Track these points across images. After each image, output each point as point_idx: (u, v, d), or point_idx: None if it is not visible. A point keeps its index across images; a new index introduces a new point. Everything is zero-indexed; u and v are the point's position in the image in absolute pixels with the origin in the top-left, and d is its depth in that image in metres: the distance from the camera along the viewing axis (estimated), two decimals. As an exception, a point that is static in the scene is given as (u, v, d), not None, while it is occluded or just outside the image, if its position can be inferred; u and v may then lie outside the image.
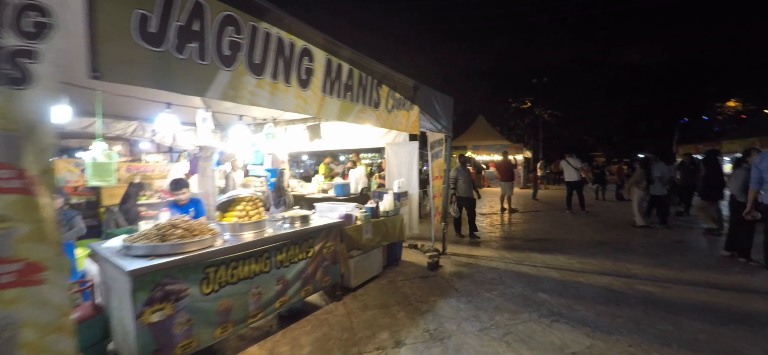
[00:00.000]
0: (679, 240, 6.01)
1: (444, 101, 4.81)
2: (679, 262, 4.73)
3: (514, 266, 4.71)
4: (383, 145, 5.98)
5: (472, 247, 5.79)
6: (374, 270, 4.18)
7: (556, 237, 6.45)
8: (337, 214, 3.71)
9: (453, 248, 5.65)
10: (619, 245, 5.71)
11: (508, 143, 20.92)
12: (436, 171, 4.86)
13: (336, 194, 5.61)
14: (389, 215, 4.39)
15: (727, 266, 4.55)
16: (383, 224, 4.28)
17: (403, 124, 3.87)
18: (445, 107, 4.84)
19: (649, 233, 6.66)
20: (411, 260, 5.00)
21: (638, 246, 5.64)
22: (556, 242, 6.00)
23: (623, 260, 4.90)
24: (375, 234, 4.08)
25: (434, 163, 4.80)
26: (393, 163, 5.79)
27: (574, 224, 7.70)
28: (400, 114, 3.80)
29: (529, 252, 5.38)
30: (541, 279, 4.16)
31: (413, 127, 4.07)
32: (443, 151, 5.05)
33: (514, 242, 6.07)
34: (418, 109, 4.12)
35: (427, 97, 4.32)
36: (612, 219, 8.19)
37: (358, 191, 5.99)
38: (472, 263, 4.87)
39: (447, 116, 4.93)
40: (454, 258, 5.08)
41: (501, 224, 7.96)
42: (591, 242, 5.95)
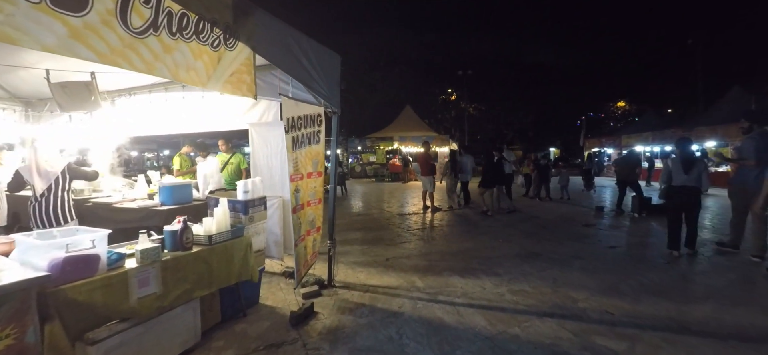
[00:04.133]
0: (613, 246, 5.22)
1: (321, 57, 3.03)
2: (628, 283, 3.72)
3: (426, 304, 3.19)
4: (247, 125, 3.99)
5: (375, 269, 4.19)
6: (175, 347, 2.25)
7: (482, 247, 5.21)
8: (45, 257, 1.69)
9: (348, 273, 3.99)
10: (552, 257, 4.65)
11: (434, 135, 20.25)
12: (306, 164, 3.04)
13: (161, 202, 3.48)
14: (217, 241, 2.50)
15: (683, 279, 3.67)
16: (200, 261, 2.37)
17: (202, 73, 1.94)
18: (324, 67, 3.07)
19: (578, 237, 5.86)
20: (273, 304, 3.17)
21: (573, 258, 4.63)
22: (483, 256, 4.73)
23: (563, 282, 3.75)
24: (175, 282, 2.17)
25: (302, 152, 2.96)
26: (260, 153, 3.84)
27: (501, 226, 6.67)
28: (203, 53, 1.90)
29: (449, 275, 3.96)
30: (462, 334, 2.69)
31: (235, 84, 2.19)
32: (322, 134, 3.30)
33: (430, 259, 4.64)
34: (251, 54, 2.26)
35: (280, 39, 2.47)
36: (538, 217, 7.43)
37: (205, 195, 3.90)
38: (365, 302, 3.23)
39: (329, 82, 3.17)
40: (342, 294, 3.39)
41: (420, 228, 6.58)
42: (522, 254, 4.81)
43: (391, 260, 4.55)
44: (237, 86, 2.16)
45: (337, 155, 3.43)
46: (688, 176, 4.42)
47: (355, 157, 22.59)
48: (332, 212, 3.51)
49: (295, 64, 2.67)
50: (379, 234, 6.11)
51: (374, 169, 20.27)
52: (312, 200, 3.21)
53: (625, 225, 6.67)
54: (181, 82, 1.92)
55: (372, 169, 20.42)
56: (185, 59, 1.79)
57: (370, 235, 6.04)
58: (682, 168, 4.45)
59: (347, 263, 4.43)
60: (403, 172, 18.29)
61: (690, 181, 4.42)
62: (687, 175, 4.42)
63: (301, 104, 2.95)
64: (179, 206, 3.40)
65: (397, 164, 18.80)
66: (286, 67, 2.57)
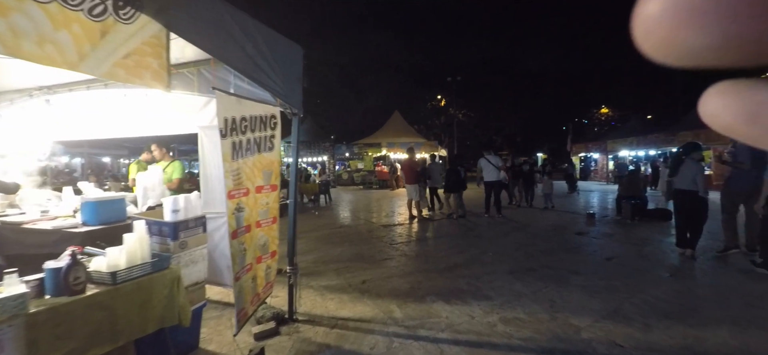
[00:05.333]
0: (611, 257, 4.80)
1: (275, 47, 2.51)
2: (634, 303, 3.27)
3: (403, 343, 2.66)
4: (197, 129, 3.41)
5: (348, 295, 3.64)
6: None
7: (471, 262, 4.72)
8: None
9: (316, 302, 3.43)
10: (547, 273, 4.18)
11: (423, 141, 19.89)
12: (254, 176, 2.47)
13: (83, 222, 2.87)
14: (125, 279, 1.92)
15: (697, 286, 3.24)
16: (97, 308, 1.78)
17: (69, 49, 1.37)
18: (280, 59, 2.55)
19: (572, 247, 5.44)
20: (217, 350, 2.59)
21: (569, 272, 4.18)
22: (471, 274, 4.23)
23: (561, 305, 3.27)
24: (52, 343, 1.58)
25: (249, 161, 2.40)
26: (211, 162, 3.25)
27: (492, 237, 6.21)
28: (71, 21, 1.35)
29: (433, 301, 3.43)
30: (445, 383, 2.17)
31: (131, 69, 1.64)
32: (277, 140, 2.76)
33: (413, 280, 4.11)
34: (163, 32, 1.72)
35: (212, 17, 1.94)
36: (529, 226, 7.00)
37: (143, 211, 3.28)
38: (331, 342, 2.68)
39: (287, 77, 2.66)
40: (304, 332, 2.83)
41: (404, 242, 6.06)
42: (514, 270, 4.33)
43: (368, 283, 4.01)
44: (134, 72, 1.63)
45: (297, 164, 2.88)
46: (684, 179, 4.53)
47: (343, 164, 21.99)
48: (292, 232, 2.97)
49: (235, 52, 2.14)
50: (359, 249, 5.56)
51: (362, 176, 19.70)
52: (264, 220, 2.65)
53: (619, 233, 6.30)
54: (24, 59, 1.35)
55: (360, 176, 19.84)
56: (36, 26, 1.25)
57: (350, 250, 5.49)
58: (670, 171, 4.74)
59: (317, 287, 3.87)
60: (391, 179, 17.79)
61: (685, 184, 4.51)
62: (676, 177, 4.60)
63: (246, 102, 2.41)
64: (106, 227, 2.80)
65: (385, 171, 18.29)
66: (220, 53, 2.04)
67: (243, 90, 2.70)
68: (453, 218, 8.10)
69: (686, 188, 4.53)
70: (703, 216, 4.56)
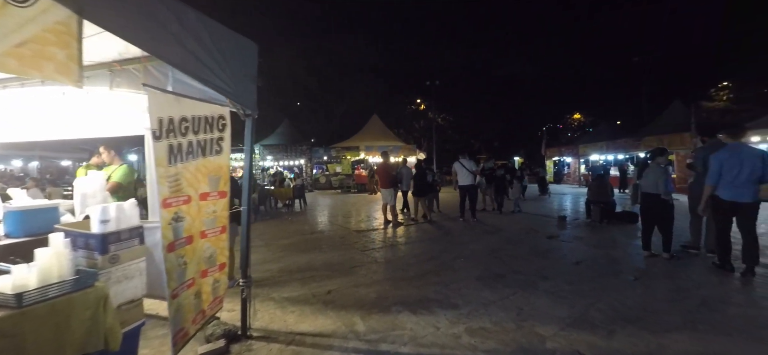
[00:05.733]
0: (579, 261, 4.83)
1: (222, 41, 2.31)
2: (599, 308, 3.25)
3: (364, 358, 2.51)
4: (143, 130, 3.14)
5: (311, 307, 3.45)
6: None
7: (441, 269, 4.63)
8: None
9: (275, 315, 3.22)
10: (516, 278, 4.14)
11: (402, 144, 19.89)
12: (198, 182, 2.25)
13: (6, 233, 2.56)
14: (36, 300, 1.67)
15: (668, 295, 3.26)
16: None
17: None
18: (229, 55, 2.35)
19: (542, 251, 5.46)
20: (156, 373, 2.36)
21: (538, 277, 4.16)
22: (441, 281, 4.13)
23: (529, 312, 3.21)
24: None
25: (191, 166, 2.18)
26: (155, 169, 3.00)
27: (464, 242, 6.16)
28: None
29: (399, 311, 3.30)
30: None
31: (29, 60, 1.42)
32: (226, 143, 2.55)
33: (381, 288, 3.96)
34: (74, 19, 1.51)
35: (141, 5, 1.73)
36: (503, 230, 7.02)
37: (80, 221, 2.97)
38: (285, 361, 2.49)
39: (237, 74, 2.46)
40: (257, 350, 2.62)
41: (377, 248, 5.91)
42: (484, 276, 4.27)
43: (333, 293, 3.83)
44: (32, 64, 1.42)
45: (251, 168, 2.67)
46: (649, 182, 4.70)
47: (320, 167, 21.65)
48: (245, 242, 2.76)
49: (170, 45, 1.93)
50: (329, 257, 5.37)
51: (340, 180, 19.44)
52: (210, 230, 2.43)
53: (588, 236, 6.41)
54: None
55: (338, 180, 19.58)
56: None
57: (319, 258, 5.29)
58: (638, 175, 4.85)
59: (279, 299, 3.66)
60: (370, 183, 17.63)
61: (650, 187, 4.68)
62: (642, 181, 4.76)
63: (186, 101, 2.20)
64: (32, 239, 2.50)
65: (363, 175, 18.12)
66: (150, 46, 1.83)
67: (187, 88, 2.48)
68: (418, 221, 8.26)
69: (651, 191, 4.68)
70: (668, 218, 4.68)
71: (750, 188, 3.90)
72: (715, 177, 4.04)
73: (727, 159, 3.99)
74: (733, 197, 3.95)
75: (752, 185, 3.90)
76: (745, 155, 3.95)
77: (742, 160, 3.92)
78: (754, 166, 3.87)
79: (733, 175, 3.93)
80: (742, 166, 3.91)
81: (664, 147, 5.25)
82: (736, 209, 3.98)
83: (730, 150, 4.06)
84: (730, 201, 3.97)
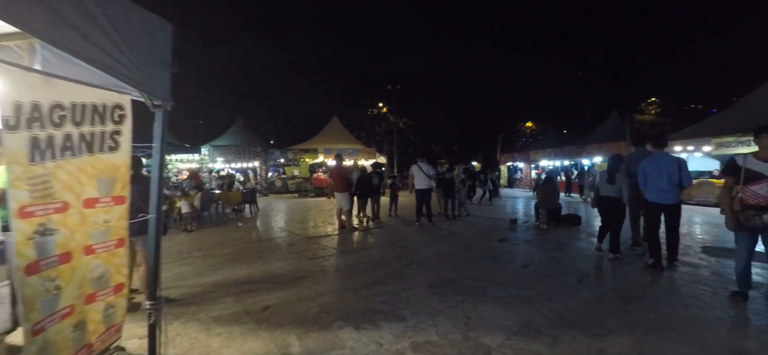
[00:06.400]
0: (527, 264, 4.89)
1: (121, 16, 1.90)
2: (544, 314, 3.22)
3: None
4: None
5: (241, 327, 3.06)
6: None
7: (391, 276, 4.42)
8: None
9: (197, 339, 2.80)
10: (466, 284, 4.05)
11: (361, 147, 19.64)
12: (80, 185, 1.79)
13: None
14: None
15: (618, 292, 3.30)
16: None
17: None
18: (131, 34, 1.94)
19: (493, 255, 5.48)
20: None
21: (488, 283, 4.10)
22: (389, 291, 3.91)
23: (476, 321, 3.09)
24: None
25: (70, 164, 1.73)
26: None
27: (418, 247, 6.03)
28: None
29: (341, 327, 3.02)
30: None
31: None
32: (125, 138, 2.13)
33: (324, 301, 3.66)
34: None
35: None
36: (457, 234, 7.01)
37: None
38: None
39: (143, 58, 2.05)
40: (164, 384, 2.22)
41: (327, 255, 5.57)
42: (434, 283, 4.13)
43: (271, 309, 3.46)
44: None
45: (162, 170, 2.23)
46: (611, 187, 5.02)
47: (277, 170, 20.71)
48: (154, 258, 2.32)
49: (39, 14, 1.51)
50: (272, 267, 4.95)
51: (297, 183, 18.70)
52: (100, 244, 1.99)
53: (536, 239, 6.59)
54: None
55: (294, 183, 18.82)
56: None
57: (261, 269, 4.86)
58: (606, 179, 5.07)
59: (206, 320, 3.22)
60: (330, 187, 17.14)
61: (612, 191, 5.01)
62: (611, 185, 5.01)
63: (61, 84, 1.77)
64: None
65: (322, 178, 17.59)
66: (7, 14, 1.40)
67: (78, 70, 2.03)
68: (364, 225, 8.32)
69: (614, 195, 5.01)
70: (622, 220, 5.04)
71: (672, 191, 4.33)
72: (642, 183, 4.52)
73: (650, 166, 4.47)
74: (657, 199, 4.43)
75: (673, 189, 4.34)
76: (665, 163, 4.41)
77: (662, 167, 4.38)
78: (672, 172, 4.33)
79: (656, 181, 4.40)
80: (662, 172, 4.37)
81: (621, 154, 5.57)
82: (661, 210, 4.44)
83: (653, 159, 4.53)
84: (655, 203, 4.45)
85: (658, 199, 4.39)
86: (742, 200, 3.14)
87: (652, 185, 4.44)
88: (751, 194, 3.11)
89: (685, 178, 4.30)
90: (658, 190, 4.38)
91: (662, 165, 4.38)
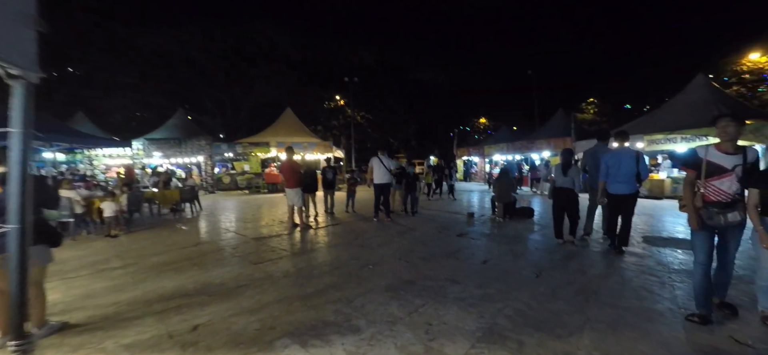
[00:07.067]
0: (486, 260, 4.78)
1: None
2: (506, 314, 3.05)
3: None
4: None
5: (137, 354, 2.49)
6: None
7: (345, 280, 4.03)
8: None
9: None
10: (426, 285, 3.79)
11: (317, 141, 18.88)
12: None
13: None
14: None
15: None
16: None
17: None
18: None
19: (452, 251, 5.32)
20: None
21: (449, 283, 3.89)
22: (343, 297, 3.53)
23: (438, 328, 2.82)
24: None
25: None
26: None
27: (375, 245, 5.69)
28: None
29: (286, 345, 2.58)
30: None
31: None
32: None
33: (267, 315, 3.17)
34: None
35: None
36: (414, 230, 6.80)
37: None
38: None
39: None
40: None
41: (274, 259, 5.02)
42: (393, 285, 3.82)
43: (201, 329, 2.91)
44: None
45: (26, 163, 1.61)
46: (565, 179, 5.36)
47: (225, 166, 19.21)
48: (17, 283, 1.71)
49: None
50: (209, 276, 4.31)
51: (247, 179, 17.47)
52: None
53: (494, 232, 6.59)
54: None
55: (245, 179, 17.56)
56: None
57: (195, 279, 4.20)
58: (561, 172, 5.38)
59: (114, 348, 2.61)
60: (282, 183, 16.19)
61: (567, 183, 5.35)
62: (565, 177, 5.34)
63: None
64: None
65: (275, 174, 16.57)
66: None
67: None
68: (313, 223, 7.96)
69: (567, 186, 5.36)
70: (577, 209, 5.42)
71: (629, 183, 4.65)
72: (604, 174, 4.79)
73: (612, 159, 4.76)
74: (616, 190, 4.75)
75: (631, 181, 4.66)
76: (623, 156, 4.73)
77: (622, 160, 4.69)
78: (630, 165, 4.66)
79: (615, 173, 4.70)
80: (621, 165, 4.68)
81: (570, 149, 5.80)
82: (619, 200, 4.74)
83: (615, 153, 4.84)
84: (614, 194, 4.77)
85: (618, 190, 4.70)
86: (704, 196, 2.79)
87: (612, 177, 4.72)
88: (712, 190, 2.76)
89: (643, 170, 4.66)
90: (617, 181, 4.69)
91: (622, 158, 4.68)
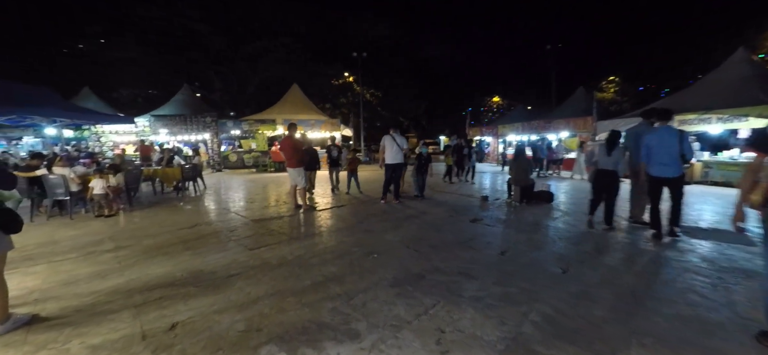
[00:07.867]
0: (504, 251, 4.30)
1: None
2: (532, 320, 2.60)
3: None
4: None
5: None
6: None
7: (347, 271, 3.62)
8: None
9: None
10: (437, 279, 3.35)
11: (325, 118, 18.36)
12: None
13: None
14: None
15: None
16: None
17: None
18: None
19: (466, 239, 4.85)
20: None
21: (462, 278, 3.44)
22: (343, 292, 3.12)
23: (451, 335, 2.40)
24: None
25: None
26: None
27: (381, 230, 5.26)
28: None
29: (270, 354, 2.21)
30: None
31: None
32: None
33: (256, 312, 2.79)
34: None
35: None
36: (425, 213, 6.34)
37: None
38: None
39: None
40: None
41: (272, 244, 4.64)
42: (399, 279, 3.39)
43: (179, 328, 2.55)
44: None
45: None
46: (608, 159, 4.97)
47: (231, 143, 18.94)
48: None
49: None
50: (200, 262, 3.97)
51: (254, 158, 17.20)
52: None
53: (510, 218, 6.09)
54: None
55: (251, 158, 17.29)
56: None
57: (183, 265, 3.86)
58: (606, 152, 4.98)
59: (80, 349, 2.27)
60: (286, 162, 15.84)
61: (609, 164, 4.97)
62: (608, 157, 4.96)
63: None
64: None
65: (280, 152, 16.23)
66: None
67: None
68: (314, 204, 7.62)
69: (610, 168, 4.98)
70: (616, 192, 5.09)
71: (673, 164, 4.34)
72: (645, 157, 4.55)
73: (653, 140, 4.44)
74: (658, 173, 4.44)
75: (675, 162, 4.32)
76: (667, 136, 4.37)
77: (664, 141, 4.35)
78: (672, 144, 4.31)
79: (658, 154, 4.39)
80: (663, 146, 4.34)
81: (617, 130, 5.30)
82: (663, 183, 4.47)
83: (657, 133, 4.49)
84: (656, 177, 4.46)
85: (660, 173, 4.41)
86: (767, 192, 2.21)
87: (654, 159, 4.44)
88: None
89: (687, 150, 4.26)
90: (660, 163, 4.39)
91: (664, 139, 4.34)
